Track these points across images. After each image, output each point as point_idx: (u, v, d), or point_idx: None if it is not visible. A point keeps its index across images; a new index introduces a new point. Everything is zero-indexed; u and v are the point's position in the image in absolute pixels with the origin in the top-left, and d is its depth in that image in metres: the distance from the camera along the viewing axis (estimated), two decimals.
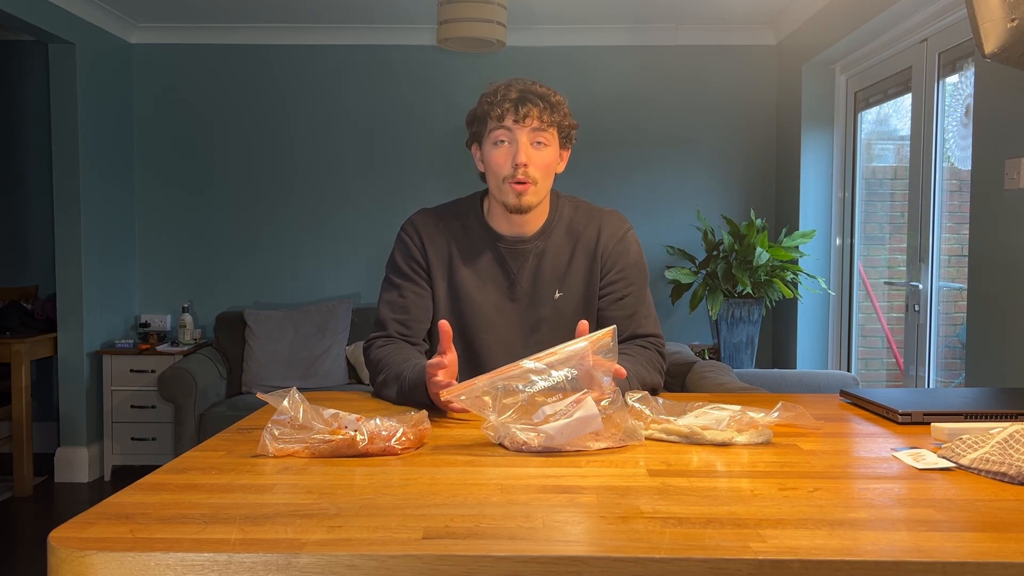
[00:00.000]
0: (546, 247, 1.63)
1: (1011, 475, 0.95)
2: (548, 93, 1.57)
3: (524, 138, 1.54)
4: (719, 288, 3.77)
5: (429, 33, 4.32)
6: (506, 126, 1.54)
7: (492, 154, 1.57)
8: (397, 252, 1.66)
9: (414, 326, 1.62)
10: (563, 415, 1.12)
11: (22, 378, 3.89)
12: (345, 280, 4.48)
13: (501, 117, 1.54)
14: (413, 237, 1.65)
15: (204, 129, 4.48)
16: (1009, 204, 2.37)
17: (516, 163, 1.54)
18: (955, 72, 2.96)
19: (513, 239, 1.63)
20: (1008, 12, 1.31)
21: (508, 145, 1.55)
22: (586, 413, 1.11)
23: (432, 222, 1.66)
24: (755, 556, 0.73)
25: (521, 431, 1.11)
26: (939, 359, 3.08)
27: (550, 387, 1.15)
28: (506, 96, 1.55)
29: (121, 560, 0.74)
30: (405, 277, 1.64)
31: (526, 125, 1.54)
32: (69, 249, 4.01)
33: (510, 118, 1.54)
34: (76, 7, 3.88)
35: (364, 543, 0.76)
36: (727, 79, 4.41)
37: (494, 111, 1.55)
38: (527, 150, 1.54)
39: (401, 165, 4.45)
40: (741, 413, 1.17)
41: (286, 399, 1.12)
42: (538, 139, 1.55)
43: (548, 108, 1.55)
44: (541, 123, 1.54)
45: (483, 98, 1.58)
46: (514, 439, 1.13)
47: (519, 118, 1.53)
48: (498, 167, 1.56)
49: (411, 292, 1.63)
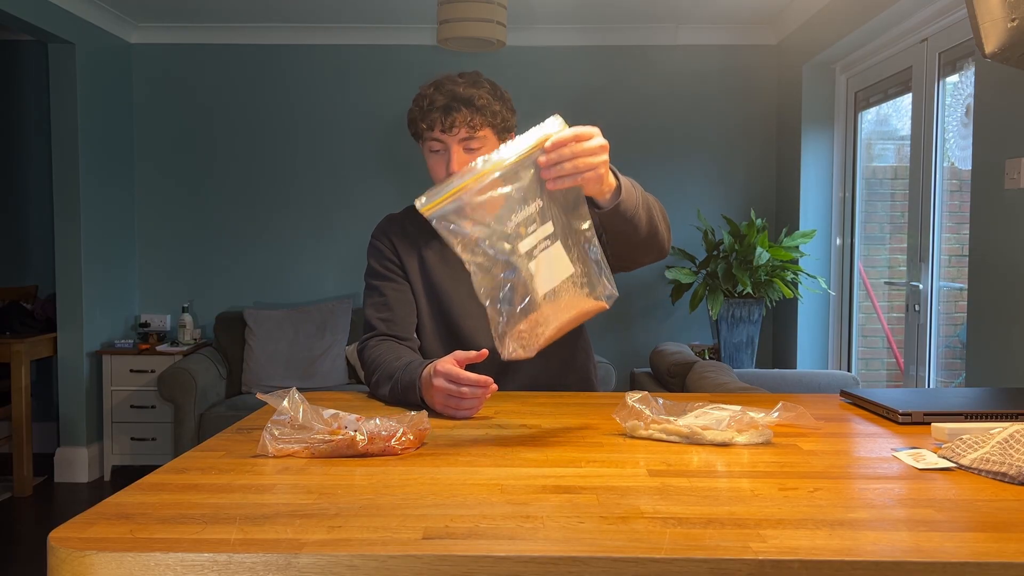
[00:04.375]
0: None
1: (1011, 475, 0.95)
2: (474, 95, 1.54)
3: (455, 145, 1.55)
4: (719, 288, 3.76)
5: (429, 33, 4.31)
6: (437, 138, 1.55)
7: (430, 161, 1.60)
8: (371, 258, 1.70)
9: (401, 322, 1.64)
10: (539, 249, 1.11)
11: (22, 378, 3.89)
12: (345, 280, 4.48)
13: (431, 127, 1.55)
14: (383, 240, 1.70)
15: (204, 128, 4.48)
16: (1009, 204, 2.37)
17: (449, 172, 1.55)
18: (955, 72, 2.96)
19: None
20: (1008, 12, 1.31)
21: (442, 154, 1.57)
22: (556, 254, 1.11)
23: (398, 224, 1.71)
24: (755, 556, 0.73)
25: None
26: (939, 359, 3.08)
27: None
28: (433, 105, 1.54)
29: (121, 560, 0.74)
30: (383, 278, 1.67)
31: (455, 135, 1.54)
32: (69, 249, 4.01)
33: (438, 128, 1.54)
34: (76, 7, 3.88)
35: (364, 543, 0.76)
36: (727, 79, 4.41)
37: (422, 122, 1.56)
38: (459, 157, 1.55)
39: (401, 165, 4.45)
40: (741, 413, 1.17)
41: (286, 399, 1.12)
42: (470, 145, 1.56)
43: (474, 111, 1.54)
44: (471, 129, 1.54)
45: (414, 102, 1.59)
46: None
47: (446, 128, 1.54)
48: (435, 174, 1.59)
49: (391, 291, 1.66)
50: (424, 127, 1.56)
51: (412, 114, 1.59)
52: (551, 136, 1.12)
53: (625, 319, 4.44)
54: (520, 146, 1.13)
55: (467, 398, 1.31)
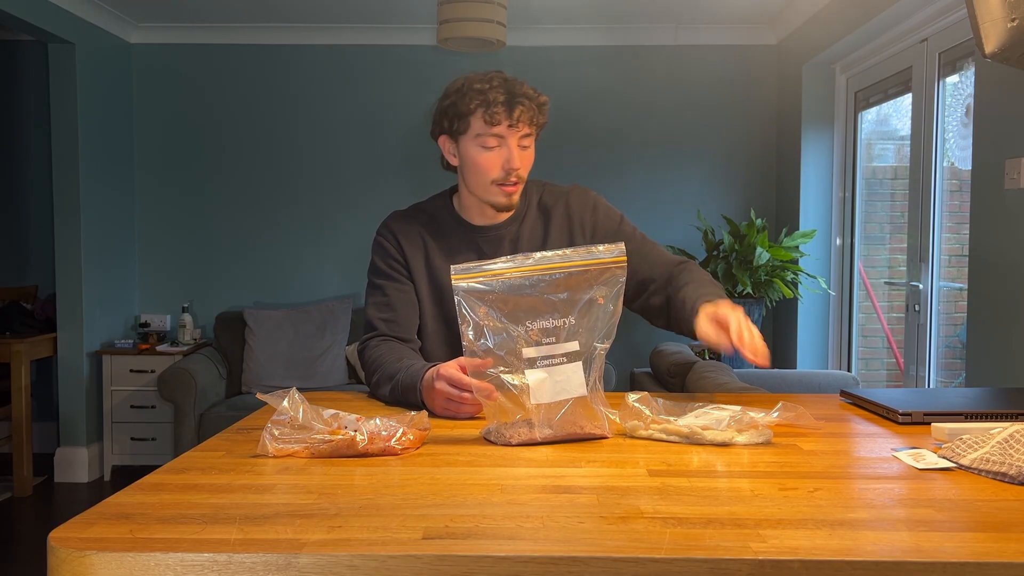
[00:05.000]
0: (519, 231, 1.65)
1: (1011, 475, 0.95)
2: (534, 94, 1.54)
3: (515, 141, 1.53)
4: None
5: (429, 33, 4.31)
6: (496, 133, 1.52)
7: (480, 156, 1.54)
8: (375, 255, 1.68)
9: (403, 322, 1.62)
10: (548, 362, 1.13)
11: (22, 378, 3.89)
12: (345, 280, 4.49)
13: (493, 120, 1.50)
14: (388, 238, 1.66)
15: (204, 128, 4.48)
16: (1009, 204, 2.37)
17: (510, 168, 1.53)
18: (955, 72, 2.96)
19: (486, 227, 1.65)
20: (1008, 12, 1.31)
21: (499, 149, 1.53)
22: (570, 373, 1.12)
23: (404, 221, 1.68)
24: (755, 556, 0.73)
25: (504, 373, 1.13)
26: (939, 359, 3.08)
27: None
28: (496, 98, 1.50)
29: (121, 560, 0.74)
30: (387, 277, 1.65)
31: (518, 130, 1.53)
32: (69, 249, 4.01)
33: (504, 123, 1.51)
34: (76, 7, 3.88)
35: (364, 543, 0.76)
36: (727, 79, 4.41)
37: (483, 113, 1.51)
38: (518, 153, 1.54)
39: (400, 165, 4.45)
40: (741, 413, 1.17)
41: (286, 399, 1.12)
42: (524, 143, 1.55)
43: (536, 110, 1.53)
44: (531, 126, 1.53)
45: (464, 93, 1.53)
46: (500, 434, 1.14)
47: (513, 122, 1.51)
48: (487, 170, 1.55)
49: (394, 290, 1.63)
50: (484, 121, 1.51)
51: (458, 107, 1.53)
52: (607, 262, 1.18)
53: (625, 319, 4.43)
54: (573, 258, 1.16)
55: (467, 403, 1.31)
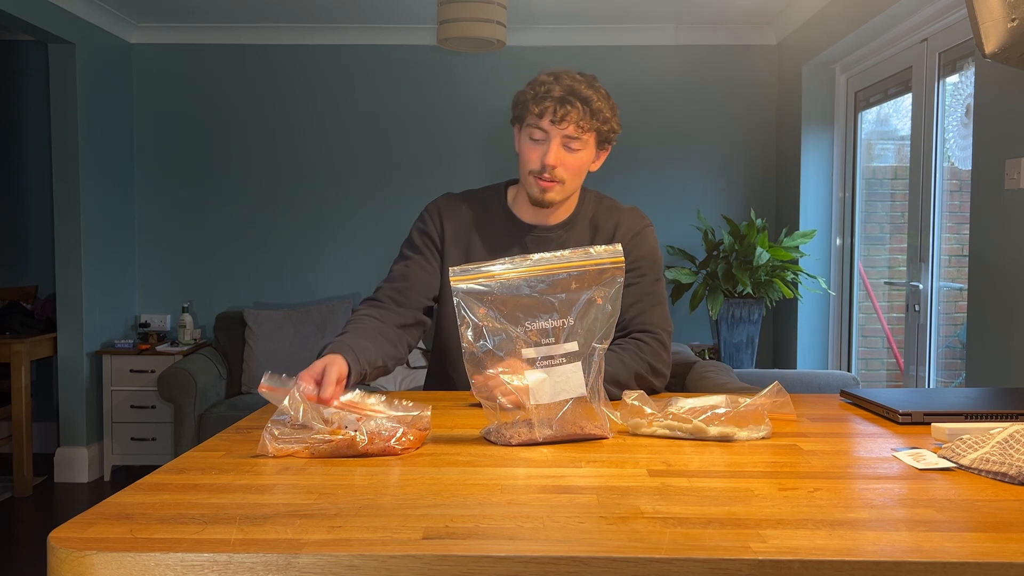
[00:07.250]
0: (568, 238, 1.66)
1: (1011, 475, 0.95)
2: (592, 96, 1.54)
3: (558, 139, 1.55)
4: (719, 288, 3.76)
5: (429, 33, 4.31)
6: (542, 127, 1.54)
7: (525, 147, 1.59)
8: (414, 229, 1.70)
9: (410, 295, 1.63)
10: (546, 363, 1.14)
11: (22, 378, 3.89)
12: (345, 280, 4.48)
13: (540, 115, 1.54)
14: (434, 216, 1.69)
15: (204, 128, 4.48)
16: (1009, 204, 2.37)
17: (545, 163, 1.55)
18: (955, 72, 2.96)
19: (535, 226, 1.66)
20: (1008, 12, 1.31)
21: (541, 143, 1.56)
22: (570, 373, 1.13)
23: (455, 204, 1.70)
24: (755, 556, 0.73)
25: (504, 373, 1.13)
26: (939, 359, 3.08)
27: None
28: (549, 93, 1.53)
29: (121, 560, 0.74)
30: (416, 250, 1.67)
31: (562, 128, 1.54)
32: (69, 249, 4.01)
33: (548, 118, 1.53)
34: (76, 7, 3.88)
35: (364, 543, 0.76)
36: (727, 79, 4.41)
37: (535, 106, 1.54)
38: (558, 152, 1.55)
39: (400, 164, 4.45)
40: (732, 402, 1.21)
41: (286, 399, 1.12)
42: (571, 144, 1.56)
43: (588, 114, 1.54)
44: (578, 128, 1.54)
45: (529, 86, 1.58)
46: (500, 434, 1.15)
47: (556, 119, 1.53)
48: (528, 161, 1.58)
49: (416, 264, 1.65)
50: (534, 113, 1.54)
51: (523, 96, 1.58)
52: (603, 260, 1.16)
53: None
54: (571, 259, 1.16)
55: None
